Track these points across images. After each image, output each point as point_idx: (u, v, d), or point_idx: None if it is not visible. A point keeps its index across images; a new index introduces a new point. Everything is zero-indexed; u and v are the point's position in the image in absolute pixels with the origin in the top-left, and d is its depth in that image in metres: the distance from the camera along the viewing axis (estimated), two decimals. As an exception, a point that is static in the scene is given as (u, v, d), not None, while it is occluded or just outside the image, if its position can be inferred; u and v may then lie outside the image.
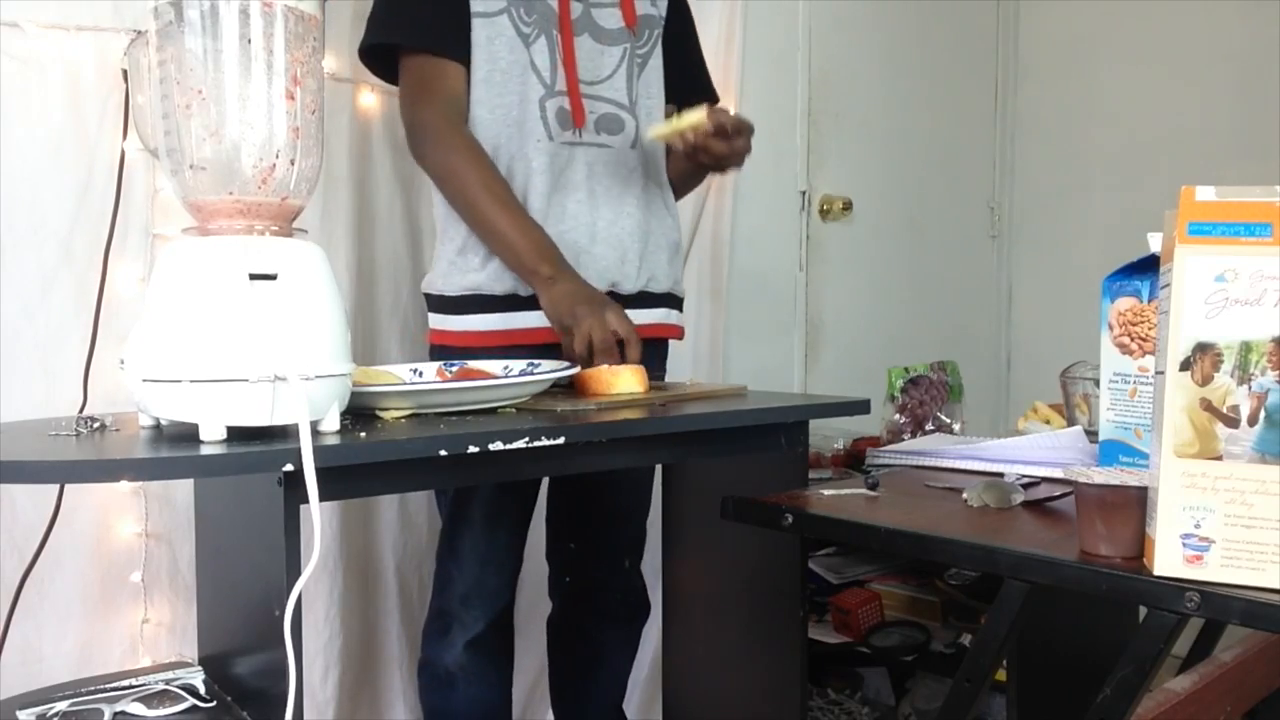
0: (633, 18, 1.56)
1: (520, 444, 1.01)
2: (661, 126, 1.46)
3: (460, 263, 1.50)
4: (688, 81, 1.67)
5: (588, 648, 1.73)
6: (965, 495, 1.13)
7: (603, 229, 1.52)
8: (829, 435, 2.24)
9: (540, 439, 1.02)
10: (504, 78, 1.47)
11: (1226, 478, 0.80)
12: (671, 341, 1.68)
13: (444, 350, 1.52)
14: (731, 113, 1.47)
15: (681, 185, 1.71)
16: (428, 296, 1.57)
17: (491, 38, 1.47)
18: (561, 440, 1.04)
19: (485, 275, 1.48)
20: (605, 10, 1.55)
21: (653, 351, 1.57)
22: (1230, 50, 2.75)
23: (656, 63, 1.61)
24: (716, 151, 1.45)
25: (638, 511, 1.69)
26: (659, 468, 1.68)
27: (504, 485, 1.52)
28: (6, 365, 1.49)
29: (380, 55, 1.52)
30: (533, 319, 1.47)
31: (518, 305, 1.48)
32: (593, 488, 1.63)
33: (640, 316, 1.56)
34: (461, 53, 1.47)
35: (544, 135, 1.48)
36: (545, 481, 1.70)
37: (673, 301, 1.64)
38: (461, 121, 1.47)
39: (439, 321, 1.54)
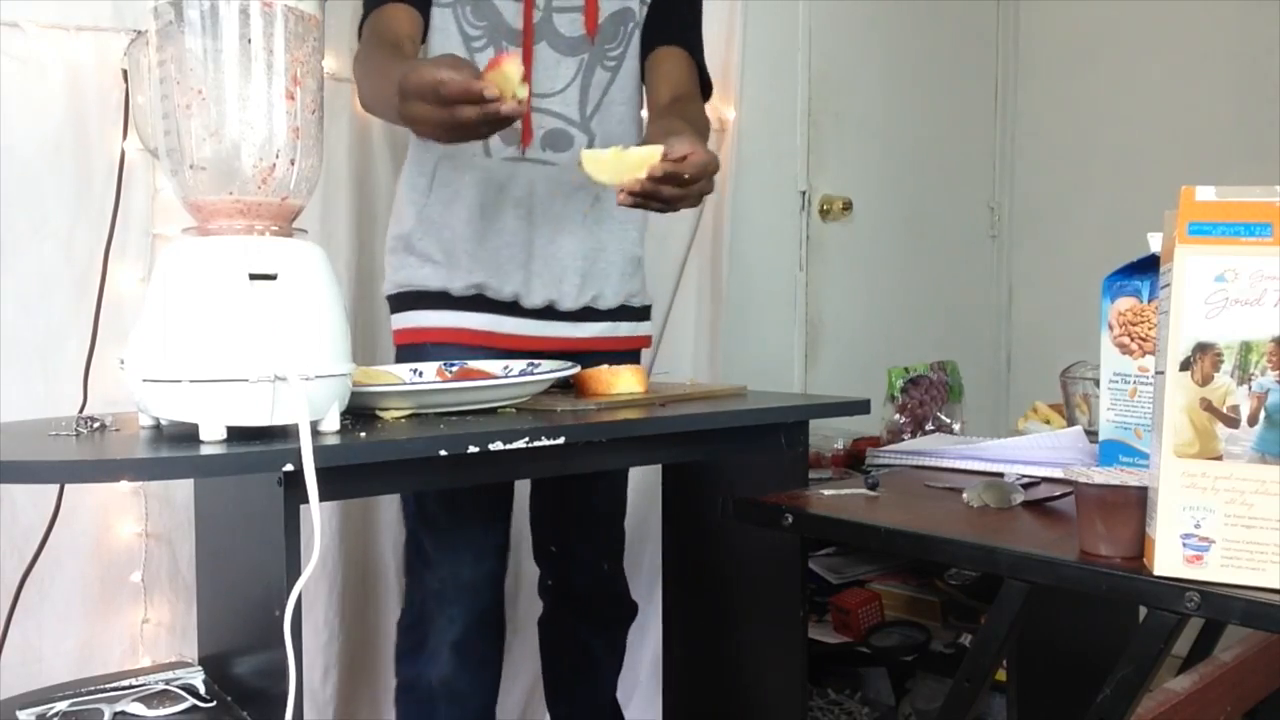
0: (594, 24, 1.46)
1: (520, 444, 1.01)
2: (598, 159, 1.19)
3: (394, 261, 1.52)
4: (669, 33, 1.51)
5: (575, 650, 1.71)
6: (965, 495, 1.13)
7: (540, 247, 1.48)
8: (829, 435, 2.24)
9: (540, 439, 1.02)
10: None
11: (1226, 478, 0.80)
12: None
13: (402, 349, 1.52)
14: (689, 149, 1.21)
15: None
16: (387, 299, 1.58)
17: (441, 28, 1.43)
18: (561, 440, 1.04)
19: (421, 274, 1.48)
20: (567, 15, 1.45)
21: (606, 362, 1.49)
22: (1230, 50, 2.75)
23: (633, 65, 1.51)
24: (666, 196, 1.22)
25: (614, 514, 1.67)
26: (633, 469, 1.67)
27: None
28: (6, 365, 1.49)
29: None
30: (469, 320, 1.48)
31: (450, 304, 1.48)
32: (567, 492, 1.62)
33: (581, 330, 1.54)
34: (416, 2, 1.41)
35: (480, 151, 1.44)
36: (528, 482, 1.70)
37: (625, 314, 1.58)
38: (385, 41, 1.38)
39: (393, 321, 1.54)
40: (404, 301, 1.51)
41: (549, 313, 1.51)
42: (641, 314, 1.62)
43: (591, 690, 1.72)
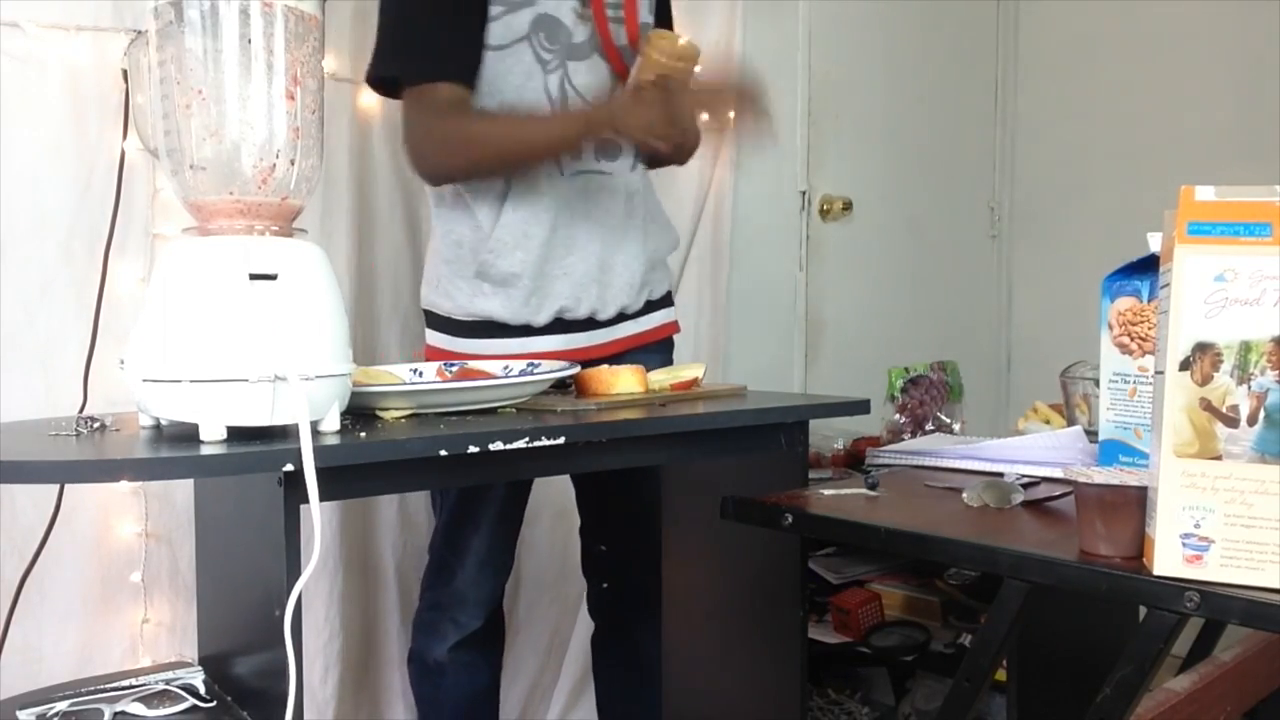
0: (636, 33, 1.50)
1: (520, 444, 1.01)
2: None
3: (462, 286, 1.48)
4: None
5: (633, 663, 1.67)
6: (965, 495, 1.13)
7: (613, 258, 1.51)
8: (829, 435, 2.24)
9: (540, 439, 1.02)
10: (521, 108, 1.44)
11: (1226, 477, 0.80)
12: (675, 339, 1.68)
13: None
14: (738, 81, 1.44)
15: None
16: (431, 314, 1.54)
17: (510, 69, 1.43)
18: (561, 440, 1.04)
19: (498, 304, 1.47)
20: (615, 27, 1.49)
21: (659, 351, 1.60)
22: (1230, 50, 2.75)
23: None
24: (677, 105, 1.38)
25: (655, 505, 1.65)
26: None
27: (503, 487, 1.52)
28: (6, 365, 1.49)
29: (389, 81, 1.47)
30: (547, 343, 1.47)
31: (530, 333, 1.48)
32: (611, 488, 1.60)
33: (642, 324, 1.58)
34: (470, 80, 1.43)
35: (556, 171, 1.46)
36: (570, 491, 1.69)
37: (670, 300, 1.65)
38: (460, 111, 1.42)
39: (443, 341, 1.52)
40: (477, 330, 1.49)
41: (619, 318, 1.55)
42: (673, 298, 1.68)
43: (648, 697, 1.64)
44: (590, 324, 1.52)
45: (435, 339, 1.54)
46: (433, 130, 1.43)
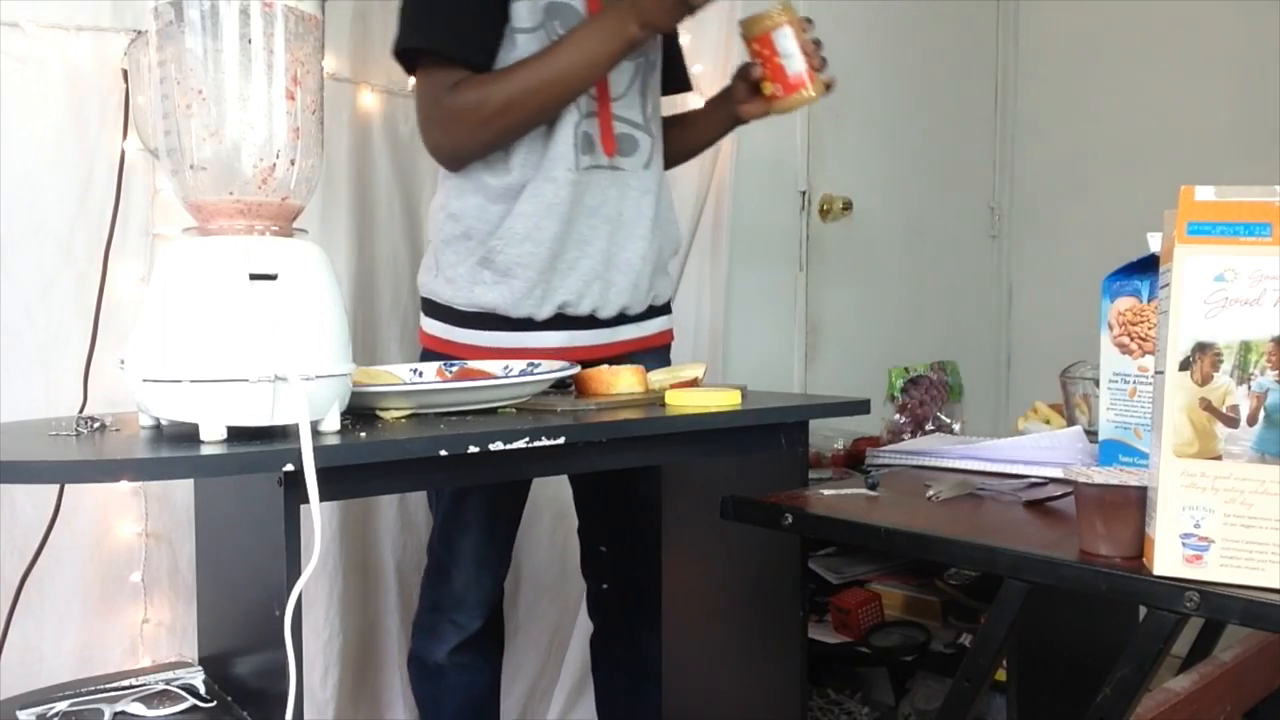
0: None
1: (520, 444, 1.01)
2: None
3: (464, 273, 1.47)
4: (674, 71, 1.67)
5: (633, 660, 1.67)
6: (930, 492, 1.14)
7: (618, 256, 1.51)
8: (829, 435, 2.24)
9: (540, 439, 1.02)
10: None
11: (1226, 477, 0.80)
12: (675, 338, 1.69)
13: (440, 357, 1.49)
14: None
15: (693, 152, 1.70)
16: (429, 302, 1.53)
17: (527, 50, 1.40)
18: (561, 440, 1.04)
19: (499, 296, 1.46)
20: None
21: (656, 356, 1.60)
22: (1230, 50, 2.75)
23: (658, 63, 1.57)
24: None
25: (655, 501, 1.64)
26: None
27: (500, 486, 1.52)
28: (6, 365, 1.49)
29: (412, 55, 1.44)
30: (549, 339, 1.47)
31: (532, 327, 1.47)
32: (612, 487, 1.60)
33: (645, 329, 1.58)
34: (486, 63, 1.40)
35: (572, 164, 1.43)
36: (569, 491, 1.70)
37: (669, 308, 1.65)
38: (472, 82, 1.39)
39: (441, 330, 1.52)
40: (477, 321, 1.48)
41: (620, 319, 1.54)
42: (670, 308, 1.68)
43: (648, 695, 1.65)
44: (592, 322, 1.51)
45: (433, 327, 1.53)
46: (448, 104, 1.38)
